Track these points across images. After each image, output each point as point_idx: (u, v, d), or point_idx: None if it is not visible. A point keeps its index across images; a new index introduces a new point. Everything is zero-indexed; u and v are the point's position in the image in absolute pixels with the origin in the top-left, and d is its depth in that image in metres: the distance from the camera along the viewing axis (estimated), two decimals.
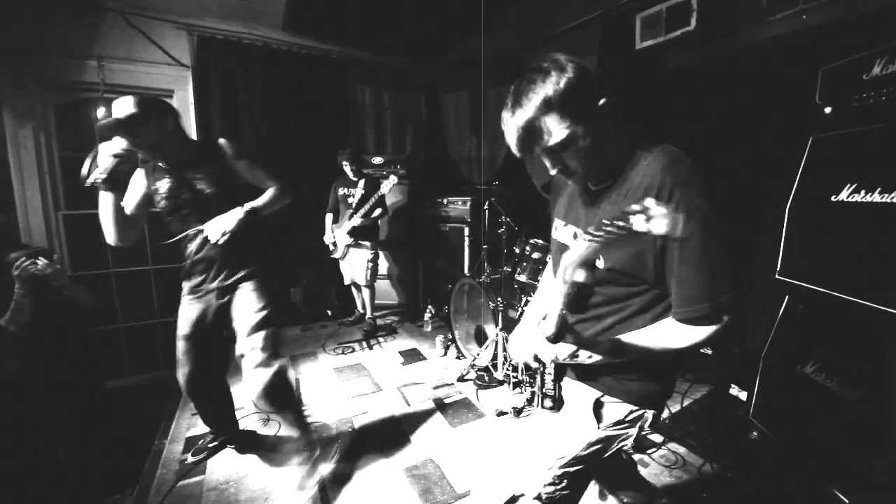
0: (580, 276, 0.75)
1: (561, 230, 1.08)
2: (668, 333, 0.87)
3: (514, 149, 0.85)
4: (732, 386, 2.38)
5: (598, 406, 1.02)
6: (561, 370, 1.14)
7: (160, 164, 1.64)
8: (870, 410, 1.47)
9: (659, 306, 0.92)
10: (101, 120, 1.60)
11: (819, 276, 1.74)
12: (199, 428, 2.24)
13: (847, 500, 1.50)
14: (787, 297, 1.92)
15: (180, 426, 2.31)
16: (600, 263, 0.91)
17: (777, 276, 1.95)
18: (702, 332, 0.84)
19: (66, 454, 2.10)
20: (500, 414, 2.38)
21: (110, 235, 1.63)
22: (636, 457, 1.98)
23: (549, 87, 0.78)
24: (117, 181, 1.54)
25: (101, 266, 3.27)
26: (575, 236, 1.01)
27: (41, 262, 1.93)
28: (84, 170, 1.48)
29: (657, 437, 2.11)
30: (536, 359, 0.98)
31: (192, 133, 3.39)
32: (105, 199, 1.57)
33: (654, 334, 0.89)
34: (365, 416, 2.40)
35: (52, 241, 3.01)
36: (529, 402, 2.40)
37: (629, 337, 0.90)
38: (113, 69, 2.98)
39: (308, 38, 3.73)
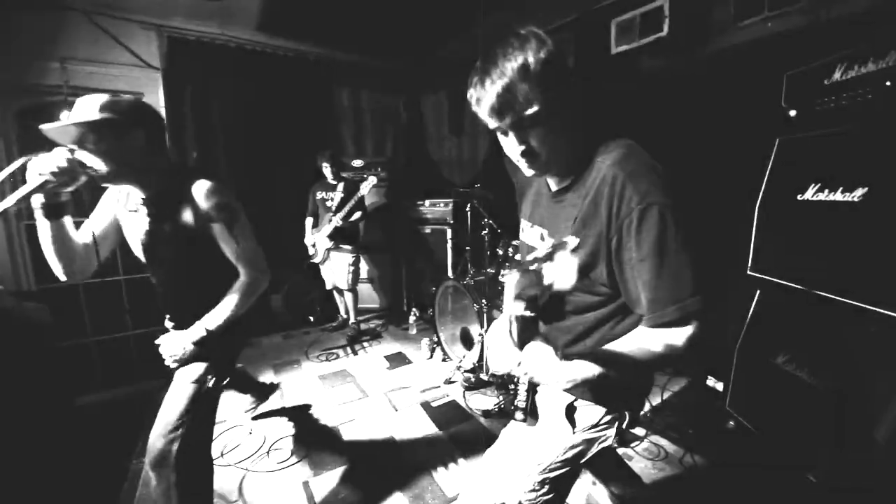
0: (518, 309, 0.75)
1: (528, 231, 1.09)
2: (640, 341, 0.81)
3: (487, 116, 0.81)
4: (709, 377, 2.47)
5: (570, 410, 1.01)
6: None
7: (135, 189, 1.27)
8: (836, 398, 1.56)
9: (627, 313, 0.90)
10: (53, 121, 1.07)
11: (788, 271, 1.82)
12: None
13: (817, 482, 1.58)
14: (758, 292, 2.01)
15: None
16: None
17: (749, 272, 2.04)
18: (674, 336, 0.78)
19: (35, 476, 2.00)
20: (487, 415, 2.40)
21: (57, 270, 1.27)
22: (620, 451, 2.04)
23: (528, 54, 0.75)
24: (55, 206, 1.15)
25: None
26: (542, 238, 1.01)
27: None
28: None
29: (640, 431, 2.17)
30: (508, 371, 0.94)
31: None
32: (43, 227, 1.18)
33: (627, 345, 0.82)
34: (352, 423, 2.37)
35: (13, 253, 2.85)
36: (502, 407, 2.42)
37: (602, 350, 0.84)
38: (77, 71, 2.85)
39: (283, 38, 3.66)
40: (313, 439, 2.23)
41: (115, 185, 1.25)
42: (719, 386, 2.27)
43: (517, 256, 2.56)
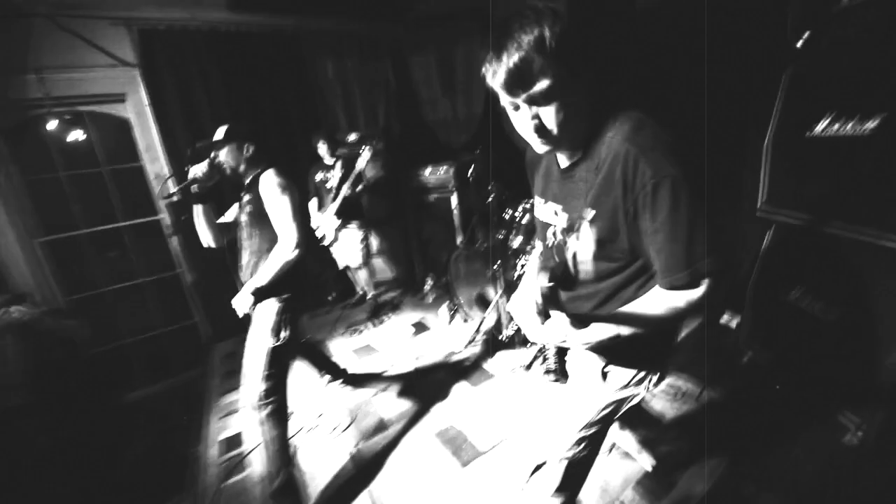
0: (543, 281, 0.82)
1: (541, 208, 1.10)
2: (657, 301, 0.88)
3: (500, 89, 0.82)
4: (724, 315, 2.54)
5: (604, 373, 1.09)
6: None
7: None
8: (847, 330, 1.61)
9: (646, 275, 0.95)
10: (199, 143, 1.79)
11: (799, 208, 1.82)
12: (230, 430, 2.35)
13: (842, 419, 1.68)
14: (772, 227, 2.02)
15: (212, 431, 2.40)
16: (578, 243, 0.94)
17: (760, 209, 2.04)
18: (687, 297, 0.84)
19: (98, 476, 2.19)
20: (511, 371, 2.53)
21: (205, 238, 1.89)
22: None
23: (544, 28, 0.75)
24: (202, 195, 1.78)
25: (93, 286, 3.24)
26: (556, 213, 1.03)
27: (15, 311, 1.92)
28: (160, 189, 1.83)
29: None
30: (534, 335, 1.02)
31: (153, 137, 3.22)
32: (197, 210, 1.82)
33: (644, 305, 0.89)
34: (386, 392, 2.52)
35: (34, 272, 2.93)
36: (533, 361, 2.54)
37: (621, 311, 0.91)
38: (54, 80, 2.76)
39: (256, 14, 3.46)
40: (355, 410, 2.39)
41: (237, 180, 1.82)
42: (733, 323, 2.34)
43: (524, 220, 2.57)
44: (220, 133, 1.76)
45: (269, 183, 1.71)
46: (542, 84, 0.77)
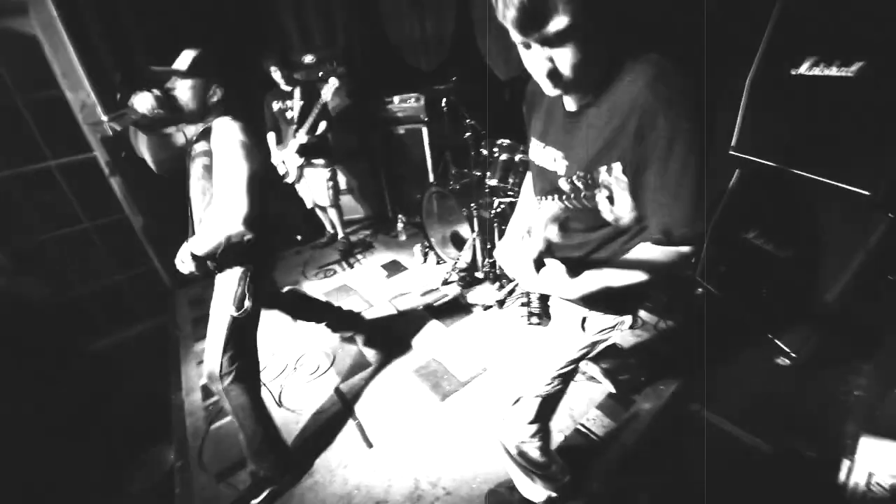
0: (552, 233, 0.80)
1: (539, 153, 1.05)
2: (650, 255, 0.87)
3: (511, 25, 0.74)
4: None
5: (583, 321, 1.15)
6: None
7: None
8: (800, 268, 1.76)
9: (637, 227, 0.93)
10: (154, 68, 1.45)
11: (770, 151, 1.86)
12: None
13: (779, 343, 1.89)
14: (737, 171, 2.07)
15: (191, 377, 2.41)
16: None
17: (731, 151, 2.07)
18: (680, 251, 0.84)
19: (75, 426, 2.19)
20: (486, 308, 2.64)
21: (153, 166, 1.75)
22: None
23: None
24: (146, 128, 1.58)
25: (30, 233, 2.95)
26: (555, 160, 0.99)
27: None
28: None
29: None
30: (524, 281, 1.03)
31: (70, 58, 2.73)
32: (140, 137, 1.66)
33: (636, 258, 0.89)
34: (364, 331, 2.58)
35: None
36: (506, 299, 2.65)
37: (613, 263, 0.92)
38: None
39: None
40: (334, 350, 2.45)
41: (188, 122, 1.55)
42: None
43: (502, 157, 2.49)
44: (183, 61, 1.43)
45: (228, 137, 1.41)
46: (559, 23, 0.69)
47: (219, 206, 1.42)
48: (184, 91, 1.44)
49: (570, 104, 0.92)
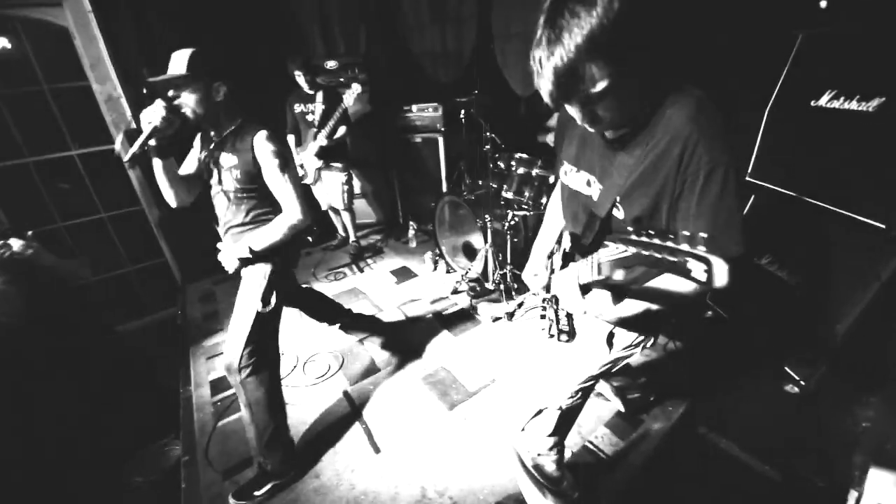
0: (619, 276, 0.83)
1: (572, 175, 1.08)
2: (677, 282, 0.90)
3: (548, 97, 0.77)
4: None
5: (610, 336, 1.18)
6: None
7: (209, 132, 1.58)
8: (812, 296, 1.78)
9: None
10: (151, 78, 1.38)
11: (786, 179, 1.89)
12: (218, 371, 2.37)
13: (789, 370, 1.90)
14: (752, 197, 2.10)
15: (200, 372, 2.42)
16: (619, 213, 0.96)
17: (747, 178, 2.10)
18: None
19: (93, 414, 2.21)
20: (496, 320, 2.65)
21: (169, 199, 1.62)
22: None
23: (594, 23, 0.66)
24: (162, 148, 1.47)
25: (48, 221, 2.99)
26: (589, 184, 1.03)
27: (16, 244, 1.71)
28: (117, 145, 1.44)
29: None
30: (556, 298, 1.08)
31: (100, 51, 2.80)
32: (157, 165, 1.52)
33: (670, 283, 0.92)
34: (374, 336, 2.59)
35: None
36: (516, 310, 2.67)
37: (650, 288, 0.95)
38: None
39: None
40: (342, 353, 2.46)
41: (201, 128, 1.57)
42: None
43: (519, 171, 2.53)
44: (178, 63, 1.37)
45: (265, 150, 1.48)
46: (596, 87, 0.72)
47: (282, 205, 1.54)
48: (188, 97, 1.41)
49: (608, 133, 0.94)
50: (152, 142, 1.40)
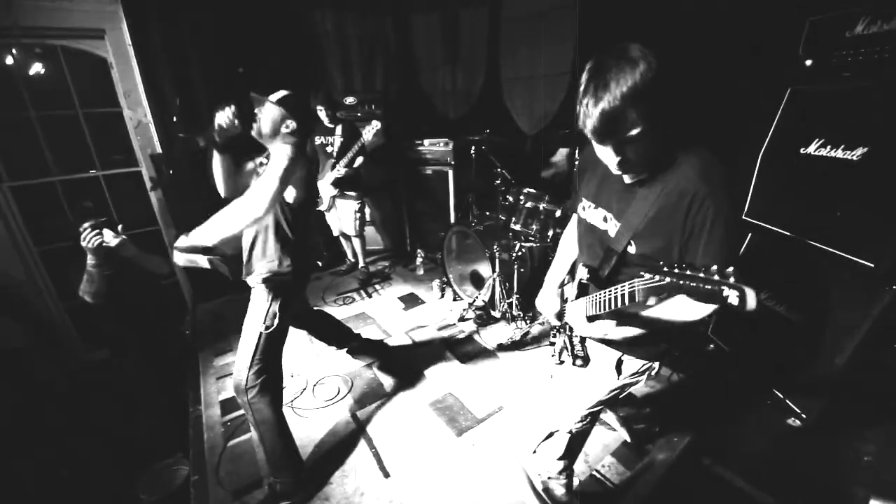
0: (652, 302, 0.91)
1: (590, 211, 1.19)
2: (684, 308, 1.01)
3: (592, 134, 0.90)
4: None
5: (619, 363, 1.25)
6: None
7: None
8: (808, 330, 1.86)
9: None
10: (253, 94, 1.68)
11: (780, 219, 2.01)
12: (228, 391, 2.40)
13: (790, 403, 1.96)
14: (749, 235, 2.22)
15: (210, 392, 2.44)
16: (632, 249, 1.06)
17: (744, 217, 2.22)
18: (709, 308, 0.98)
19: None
20: (503, 347, 2.70)
21: (221, 190, 1.77)
22: None
23: (637, 77, 0.81)
24: (225, 145, 1.66)
25: (64, 237, 3.07)
26: (605, 220, 1.13)
27: (108, 235, 1.86)
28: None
29: None
30: (568, 326, 1.18)
31: (135, 81, 2.98)
32: (216, 158, 1.70)
33: (671, 309, 1.02)
34: (382, 361, 2.63)
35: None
36: (524, 338, 2.73)
37: (650, 315, 1.05)
38: (25, 7, 2.47)
39: None
40: (350, 377, 2.49)
41: (261, 142, 1.71)
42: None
43: (527, 205, 2.66)
44: (276, 96, 1.65)
45: (280, 152, 1.55)
46: (634, 132, 0.86)
47: (243, 198, 1.48)
48: (266, 117, 1.64)
49: (626, 178, 1.06)
50: (217, 137, 1.62)
